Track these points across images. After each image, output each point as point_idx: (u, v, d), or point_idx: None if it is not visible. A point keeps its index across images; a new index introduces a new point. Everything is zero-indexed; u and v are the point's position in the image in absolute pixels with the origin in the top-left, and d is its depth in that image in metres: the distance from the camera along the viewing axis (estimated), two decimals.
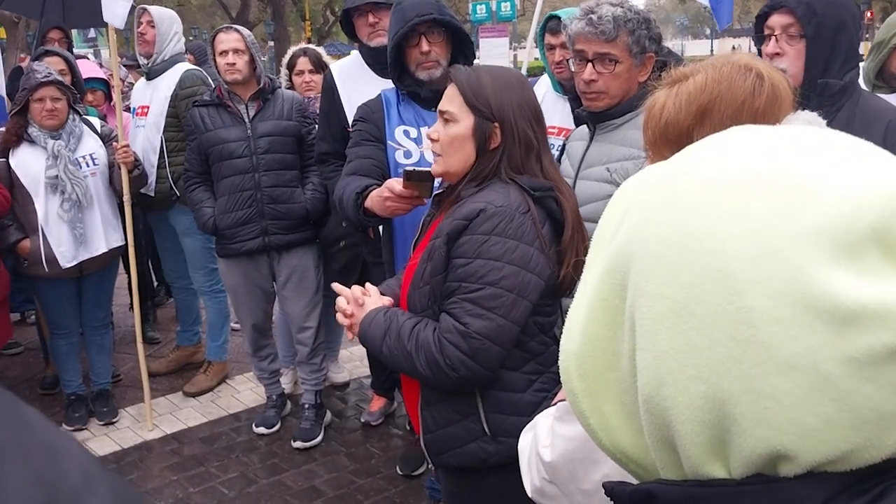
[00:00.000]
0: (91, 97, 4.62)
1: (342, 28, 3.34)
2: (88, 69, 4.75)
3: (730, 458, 0.47)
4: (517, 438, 1.18)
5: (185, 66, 4.19)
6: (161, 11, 4.20)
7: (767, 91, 1.26)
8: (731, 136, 0.54)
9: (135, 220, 3.89)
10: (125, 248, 3.88)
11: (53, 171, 3.59)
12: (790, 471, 0.45)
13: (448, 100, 1.85)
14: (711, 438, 0.47)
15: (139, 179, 3.91)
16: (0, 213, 3.58)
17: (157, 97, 4.11)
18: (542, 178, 1.81)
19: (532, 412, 1.31)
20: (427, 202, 2.13)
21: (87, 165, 3.72)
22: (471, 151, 1.81)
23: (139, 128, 4.21)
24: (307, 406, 3.84)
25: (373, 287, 1.91)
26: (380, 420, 3.94)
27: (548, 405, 1.14)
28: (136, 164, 3.85)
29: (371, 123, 2.72)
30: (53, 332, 3.94)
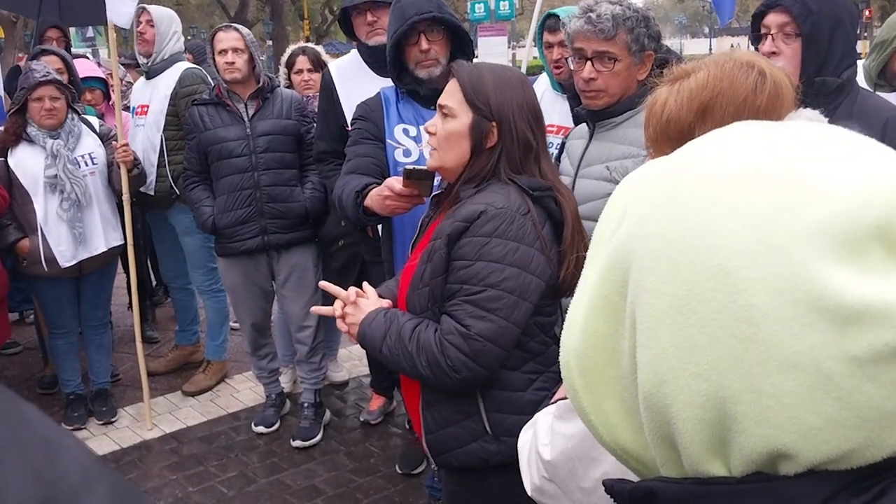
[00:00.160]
0: (89, 96, 4.61)
1: (340, 27, 3.34)
2: (87, 68, 4.74)
3: (730, 457, 0.47)
4: (518, 438, 1.18)
5: (185, 65, 4.19)
6: (160, 11, 4.20)
7: (769, 88, 1.26)
8: (732, 132, 0.54)
9: (134, 220, 3.88)
10: (124, 248, 3.88)
11: (52, 171, 3.58)
12: (790, 469, 0.45)
13: (448, 94, 1.84)
14: (712, 436, 0.47)
15: (138, 178, 3.90)
16: None
17: (157, 96, 4.11)
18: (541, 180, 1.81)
19: (533, 411, 1.30)
20: (427, 201, 2.12)
21: (86, 165, 3.71)
22: (466, 148, 1.80)
23: (139, 127, 4.21)
24: (306, 405, 3.84)
25: (370, 288, 1.90)
26: (379, 419, 3.94)
27: (548, 404, 1.14)
28: (136, 164, 3.84)
29: (370, 122, 2.71)
30: (52, 332, 3.93)
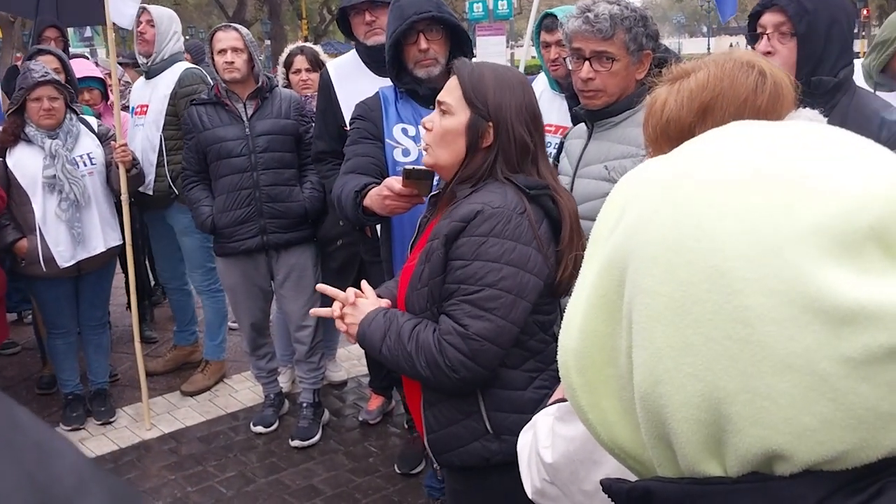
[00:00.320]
0: (88, 96, 4.61)
1: (339, 26, 3.33)
2: (85, 68, 4.74)
3: (726, 457, 0.47)
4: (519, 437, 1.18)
5: (185, 65, 4.19)
6: (161, 11, 4.20)
7: (770, 88, 1.25)
8: (730, 132, 0.54)
9: (132, 220, 3.88)
10: (123, 248, 3.88)
11: (51, 171, 3.58)
12: (786, 470, 0.45)
13: (448, 91, 1.84)
14: (707, 437, 0.47)
15: (137, 178, 3.90)
16: None
17: (157, 96, 4.11)
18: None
19: (533, 409, 1.30)
20: (426, 201, 2.13)
21: (85, 165, 3.71)
22: (462, 147, 1.80)
23: (138, 126, 4.20)
24: (305, 405, 3.84)
25: (369, 288, 1.90)
26: (378, 419, 3.94)
27: (547, 405, 1.14)
28: (134, 164, 3.84)
29: (369, 121, 2.71)
30: (51, 332, 3.93)
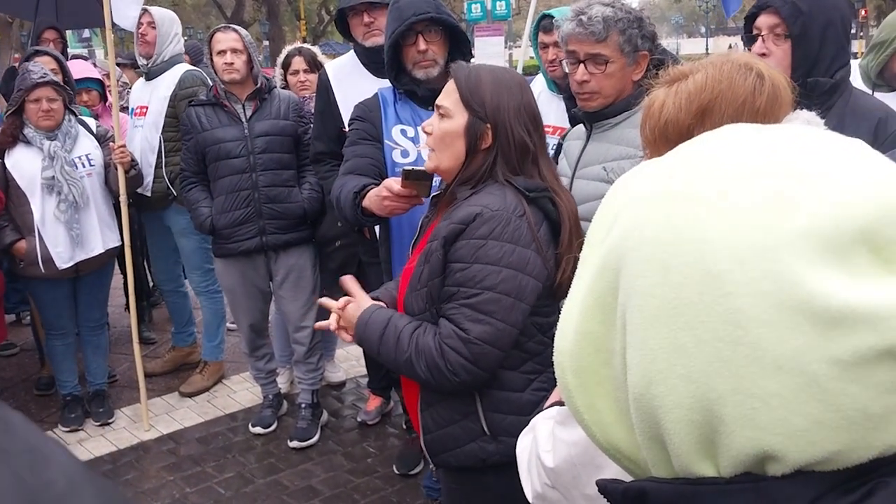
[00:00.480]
0: (86, 97, 4.61)
1: (337, 27, 3.34)
2: (83, 69, 4.73)
3: (718, 458, 0.48)
4: (516, 438, 1.17)
5: (185, 67, 4.19)
6: (162, 12, 4.21)
7: (768, 91, 1.26)
8: (724, 135, 0.54)
9: (130, 221, 3.88)
10: (121, 249, 3.88)
11: (50, 172, 3.58)
12: (778, 470, 0.46)
13: (446, 94, 1.85)
14: (700, 438, 0.47)
15: (135, 179, 3.90)
16: None
17: (157, 97, 4.11)
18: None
19: (531, 411, 1.31)
20: (425, 202, 2.13)
21: (84, 166, 3.72)
22: (461, 149, 1.81)
23: (137, 127, 4.20)
24: (304, 406, 3.84)
25: (356, 290, 1.89)
26: (376, 419, 3.94)
27: (544, 407, 1.14)
28: (133, 165, 3.84)
29: (368, 122, 2.71)
30: (49, 333, 3.93)
